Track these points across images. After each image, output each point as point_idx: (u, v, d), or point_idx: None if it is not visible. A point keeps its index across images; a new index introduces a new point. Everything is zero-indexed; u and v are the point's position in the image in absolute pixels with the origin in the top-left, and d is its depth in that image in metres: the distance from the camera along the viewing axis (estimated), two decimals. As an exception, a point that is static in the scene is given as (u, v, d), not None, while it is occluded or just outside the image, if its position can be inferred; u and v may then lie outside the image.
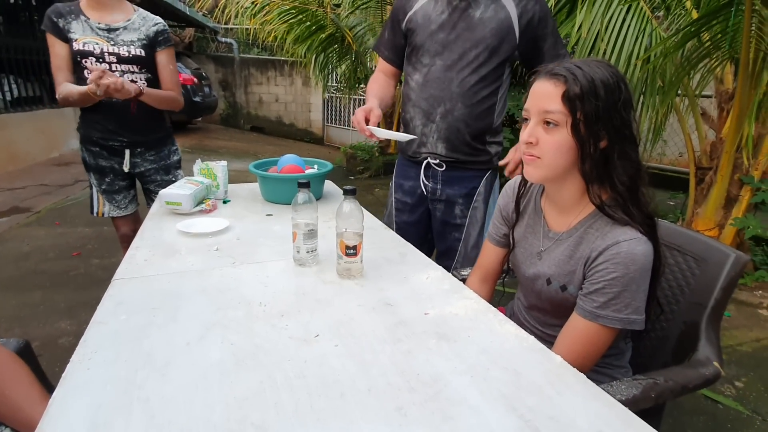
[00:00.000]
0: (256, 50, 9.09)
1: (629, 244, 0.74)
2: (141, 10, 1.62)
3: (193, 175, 1.51)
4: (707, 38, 2.10)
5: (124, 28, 1.56)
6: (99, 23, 1.52)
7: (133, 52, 1.56)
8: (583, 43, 2.24)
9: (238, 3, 4.73)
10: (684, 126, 2.72)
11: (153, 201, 1.76)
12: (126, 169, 1.68)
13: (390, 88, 1.45)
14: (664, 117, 2.58)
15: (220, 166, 1.51)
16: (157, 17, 1.65)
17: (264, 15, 4.43)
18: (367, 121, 1.22)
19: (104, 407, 0.55)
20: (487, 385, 0.61)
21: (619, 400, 0.60)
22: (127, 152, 1.66)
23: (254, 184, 1.68)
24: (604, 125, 0.75)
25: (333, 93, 7.70)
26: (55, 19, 1.48)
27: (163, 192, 1.33)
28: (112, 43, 1.53)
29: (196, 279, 0.92)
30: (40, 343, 1.75)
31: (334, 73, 5.57)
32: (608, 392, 0.62)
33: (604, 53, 2.25)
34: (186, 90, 6.73)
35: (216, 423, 0.53)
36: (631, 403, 0.69)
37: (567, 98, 0.74)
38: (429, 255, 1.44)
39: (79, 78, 1.55)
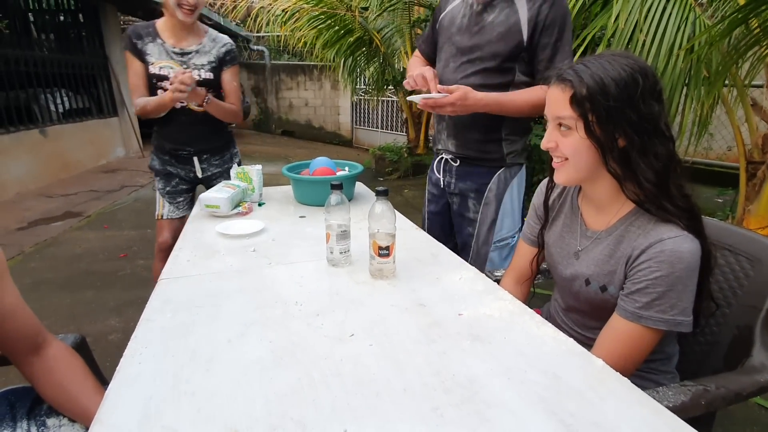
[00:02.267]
0: (286, 56, 9.30)
1: (674, 242, 0.71)
2: (211, 30, 1.69)
3: (230, 179, 1.56)
4: (756, 25, 1.96)
5: (197, 51, 1.63)
6: (174, 47, 1.60)
7: (203, 76, 1.63)
8: (620, 35, 2.15)
9: (269, 12, 4.87)
10: (733, 118, 2.56)
11: None
12: (199, 175, 1.80)
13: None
14: (710, 109, 2.43)
15: (255, 170, 1.56)
16: (226, 37, 1.73)
17: (294, 22, 4.53)
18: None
19: (155, 399, 0.58)
20: (525, 388, 0.60)
21: (666, 407, 0.57)
22: (195, 159, 1.78)
23: (287, 186, 1.72)
24: (619, 123, 0.72)
25: (361, 95, 7.77)
26: (135, 41, 1.58)
27: (202, 196, 1.39)
28: (185, 66, 1.61)
29: (235, 279, 0.96)
30: (92, 339, 1.86)
31: (362, 75, 5.61)
32: (655, 399, 0.59)
33: (644, 44, 2.15)
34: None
35: (257, 417, 0.55)
36: (679, 411, 0.65)
37: (575, 102, 0.74)
38: (455, 247, 1.50)
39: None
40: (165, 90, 1.59)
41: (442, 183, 1.47)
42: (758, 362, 0.77)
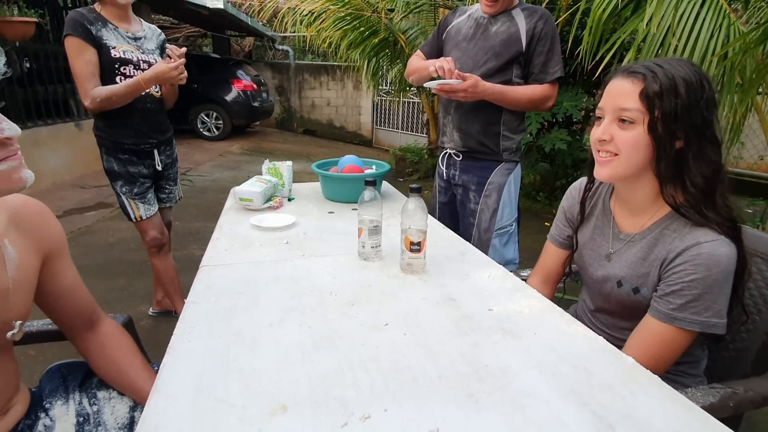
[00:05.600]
0: (310, 56, 9.43)
1: (711, 246, 0.72)
2: (144, 21, 1.72)
3: (261, 174, 1.62)
4: (794, 32, 1.92)
5: (144, 37, 1.67)
6: (127, 32, 1.60)
7: (157, 60, 1.67)
8: (651, 39, 2.13)
9: (295, 12, 4.95)
10: (766, 127, 2.50)
11: (163, 198, 1.88)
12: (159, 167, 1.77)
13: None
14: (743, 117, 2.38)
15: (285, 166, 1.61)
16: (156, 27, 1.77)
17: (320, 23, 4.60)
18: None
19: (206, 374, 0.63)
20: (557, 380, 0.62)
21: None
22: (156, 152, 1.75)
23: (314, 183, 1.76)
24: (683, 124, 0.73)
25: (383, 96, 7.82)
26: (88, 26, 1.49)
27: (236, 189, 1.45)
28: (141, 51, 1.63)
29: (271, 268, 1.00)
30: (124, 324, 1.94)
31: (386, 77, 5.65)
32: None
33: (675, 49, 2.12)
34: (246, 96, 7.13)
35: (302, 395, 0.59)
36: (707, 411, 0.66)
37: (645, 96, 0.74)
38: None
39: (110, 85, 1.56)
40: (127, 76, 1.58)
41: (446, 175, 1.67)
42: (790, 369, 0.77)
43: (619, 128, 0.78)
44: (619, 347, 0.78)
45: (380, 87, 6.82)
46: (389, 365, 0.65)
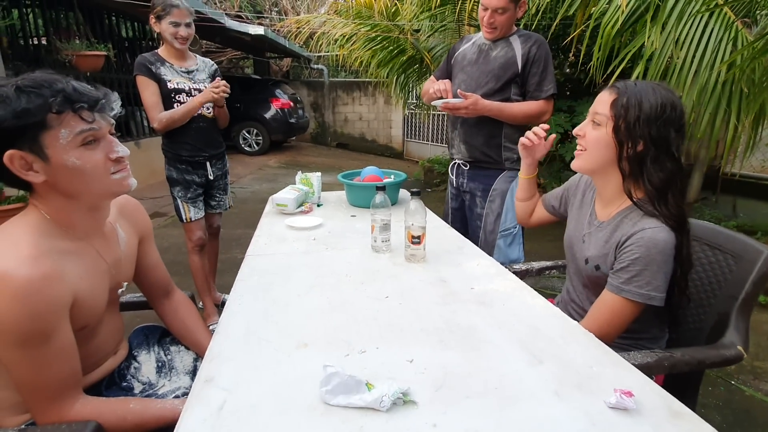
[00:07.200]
0: (343, 74, 9.89)
1: (653, 231, 0.88)
2: (198, 56, 2.08)
3: (295, 184, 1.88)
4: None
5: (197, 70, 2.03)
6: (181, 68, 1.98)
7: (208, 86, 1.96)
8: (658, 55, 2.25)
9: (329, 35, 5.33)
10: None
11: (213, 205, 2.20)
12: (211, 177, 2.11)
13: None
14: (753, 124, 2.42)
15: (315, 177, 1.87)
16: (210, 60, 2.12)
17: (352, 44, 4.95)
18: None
19: (252, 322, 0.86)
20: (511, 335, 0.81)
21: (633, 364, 0.74)
22: (208, 164, 2.09)
23: (341, 192, 2.01)
24: (641, 132, 0.91)
25: (412, 110, 8.08)
26: (149, 66, 1.90)
27: (273, 196, 1.72)
28: (193, 81, 1.99)
29: (301, 258, 1.24)
30: (179, 314, 2.25)
31: (414, 91, 5.91)
32: (624, 358, 0.76)
33: (684, 61, 2.22)
34: (283, 113, 7.62)
35: (319, 337, 0.81)
36: (644, 368, 0.81)
37: (614, 106, 0.93)
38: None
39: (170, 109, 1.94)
40: (181, 102, 1.93)
41: (456, 183, 1.88)
42: (728, 341, 0.91)
43: (591, 128, 0.98)
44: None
45: (409, 101, 7.09)
46: (385, 323, 0.86)
